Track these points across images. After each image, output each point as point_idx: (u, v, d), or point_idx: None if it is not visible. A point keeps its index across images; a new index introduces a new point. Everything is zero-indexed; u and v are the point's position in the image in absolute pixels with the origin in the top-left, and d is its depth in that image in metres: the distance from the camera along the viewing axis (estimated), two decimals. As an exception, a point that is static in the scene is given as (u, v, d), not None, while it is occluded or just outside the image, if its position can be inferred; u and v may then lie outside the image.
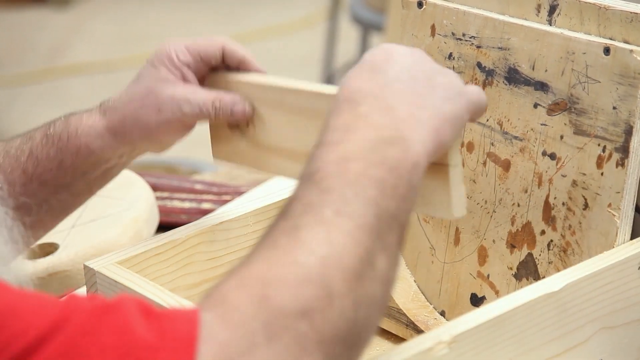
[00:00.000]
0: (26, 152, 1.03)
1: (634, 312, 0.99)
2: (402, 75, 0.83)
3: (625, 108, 0.98)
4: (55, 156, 1.03)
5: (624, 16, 0.99)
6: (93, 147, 1.03)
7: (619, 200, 0.99)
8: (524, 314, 0.91)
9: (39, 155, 1.03)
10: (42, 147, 1.03)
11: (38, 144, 1.03)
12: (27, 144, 1.04)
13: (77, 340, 0.68)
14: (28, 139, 1.04)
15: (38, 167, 1.03)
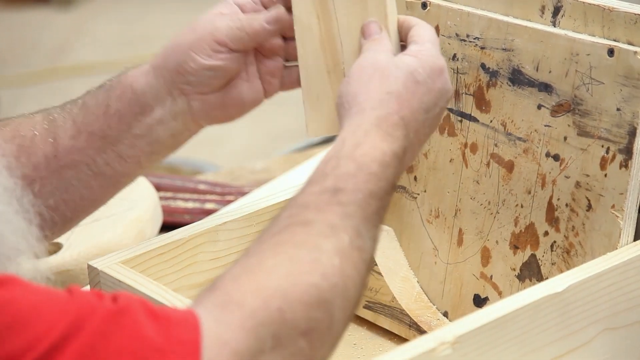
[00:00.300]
0: (79, 103, 1.01)
1: (637, 314, 0.99)
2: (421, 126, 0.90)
3: (629, 109, 0.99)
4: (102, 101, 1.00)
5: (628, 18, 0.99)
6: (136, 87, 0.99)
7: (623, 201, 0.99)
8: (527, 315, 0.91)
9: (89, 104, 1.01)
10: (93, 95, 1.01)
11: (91, 94, 1.01)
12: (82, 97, 1.02)
13: (95, 342, 0.71)
14: (86, 93, 1.02)
15: (87, 115, 1.00)
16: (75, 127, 1.00)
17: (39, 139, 1.00)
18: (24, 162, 0.99)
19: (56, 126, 1.01)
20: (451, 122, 1.11)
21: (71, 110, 1.01)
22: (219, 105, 1.01)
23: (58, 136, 1.00)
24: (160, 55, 1.00)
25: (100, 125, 1.00)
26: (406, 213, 1.16)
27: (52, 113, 1.02)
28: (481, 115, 1.09)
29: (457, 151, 1.11)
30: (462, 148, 1.11)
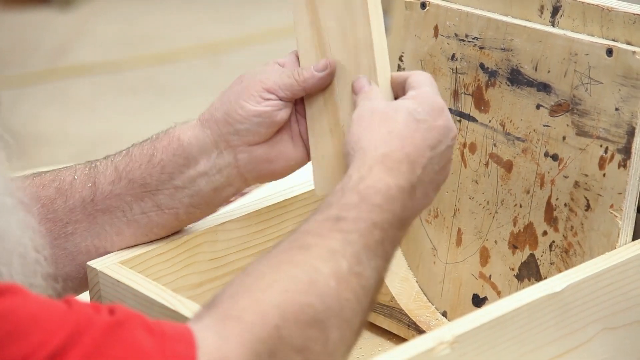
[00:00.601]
0: (124, 152, 1.03)
1: (635, 313, 0.99)
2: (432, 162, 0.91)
3: (628, 109, 0.99)
4: (147, 151, 1.01)
5: (627, 17, 0.99)
6: (182, 138, 1.00)
7: (621, 201, 0.99)
8: (525, 315, 0.91)
9: (133, 153, 1.02)
10: (139, 146, 1.02)
11: (136, 145, 1.03)
12: (128, 148, 1.03)
13: (92, 354, 0.72)
14: (131, 145, 1.03)
15: (130, 162, 1.01)
16: (116, 173, 1.01)
17: (78, 182, 1.01)
18: (60, 204, 1.01)
19: (97, 172, 1.02)
20: (450, 122, 1.11)
21: (114, 158, 1.03)
22: (265, 159, 1.01)
23: (98, 181, 1.01)
24: (208, 109, 1.02)
25: (142, 173, 1.01)
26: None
27: (94, 162, 1.03)
28: (480, 115, 1.09)
29: (456, 151, 1.11)
30: (461, 148, 1.11)
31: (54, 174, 1.03)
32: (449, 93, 1.11)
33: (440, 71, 1.12)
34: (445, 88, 1.12)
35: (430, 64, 1.12)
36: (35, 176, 1.03)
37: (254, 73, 1.00)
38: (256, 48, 4.07)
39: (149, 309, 0.97)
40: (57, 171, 1.03)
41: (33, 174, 1.04)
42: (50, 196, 1.01)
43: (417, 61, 1.13)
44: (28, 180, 1.02)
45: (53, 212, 1.00)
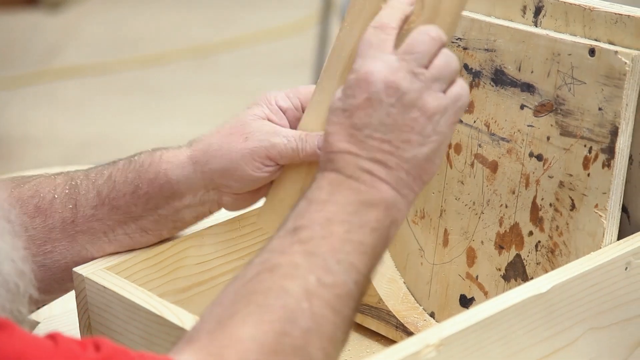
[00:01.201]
0: (105, 175, 1.02)
1: (621, 312, 0.99)
2: (377, 130, 0.86)
3: (611, 109, 0.99)
4: (132, 181, 1.01)
5: (609, 17, 0.99)
6: (170, 176, 1.00)
7: (606, 200, 0.99)
8: (512, 316, 0.91)
9: (116, 179, 1.01)
10: (122, 171, 1.01)
11: (119, 169, 1.02)
12: (108, 169, 1.02)
13: None
14: (111, 165, 1.03)
15: (113, 190, 1.01)
16: (99, 199, 1.01)
17: (58, 202, 1.01)
18: (39, 223, 1.00)
19: (78, 193, 1.01)
20: (435, 123, 1.11)
21: (96, 181, 1.02)
22: (249, 201, 1.03)
23: (79, 203, 1.01)
24: (201, 151, 1.00)
25: (127, 202, 1.01)
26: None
27: (74, 178, 1.02)
28: (465, 115, 1.10)
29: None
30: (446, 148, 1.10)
31: (32, 188, 1.01)
32: (433, 94, 1.11)
33: (424, 72, 1.12)
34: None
35: (415, 65, 1.12)
36: (14, 187, 1.02)
37: (261, 132, 0.99)
38: (245, 50, 4.07)
39: (135, 314, 0.97)
40: (35, 182, 1.02)
41: (11, 180, 1.03)
42: (29, 213, 1.00)
43: (402, 63, 1.13)
44: (5, 193, 1.01)
45: (32, 230, 1.00)
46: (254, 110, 1.01)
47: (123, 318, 0.98)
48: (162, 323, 0.94)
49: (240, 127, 0.99)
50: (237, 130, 0.99)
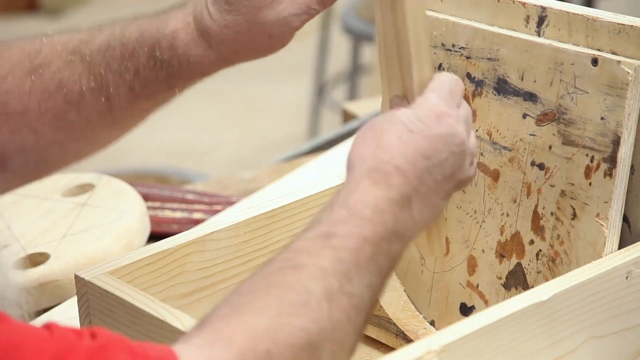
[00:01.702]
0: (132, 70, 1.01)
1: (622, 322, 0.99)
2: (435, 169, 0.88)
3: (613, 118, 0.99)
4: (164, 80, 1.02)
5: (612, 27, 1.00)
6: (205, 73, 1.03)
7: (607, 210, 1.00)
8: (513, 324, 0.92)
9: (147, 77, 1.01)
10: (151, 69, 1.02)
11: (145, 65, 1.02)
12: (132, 62, 1.01)
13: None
14: (131, 55, 1.01)
15: (146, 88, 1.02)
16: (132, 94, 1.02)
17: (89, 95, 1.01)
18: (75, 116, 1.00)
19: (108, 88, 1.01)
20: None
21: (122, 75, 1.01)
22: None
23: (111, 96, 1.01)
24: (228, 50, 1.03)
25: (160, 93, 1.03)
26: (393, 222, 1.16)
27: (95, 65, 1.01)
28: (467, 124, 1.10)
29: (443, 160, 1.11)
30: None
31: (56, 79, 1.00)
32: (436, 102, 1.12)
33: (427, 81, 1.12)
34: (432, 97, 1.12)
35: (418, 73, 1.13)
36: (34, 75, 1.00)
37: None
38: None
39: (137, 319, 0.97)
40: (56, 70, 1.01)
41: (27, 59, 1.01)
42: (60, 106, 1.00)
43: (404, 71, 1.14)
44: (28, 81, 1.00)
45: (67, 122, 1.00)
46: None
47: (125, 322, 0.98)
48: (164, 328, 0.94)
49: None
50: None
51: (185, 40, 1.02)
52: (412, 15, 0.93)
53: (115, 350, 0.74)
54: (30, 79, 0.99)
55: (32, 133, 0.98)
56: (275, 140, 3.37)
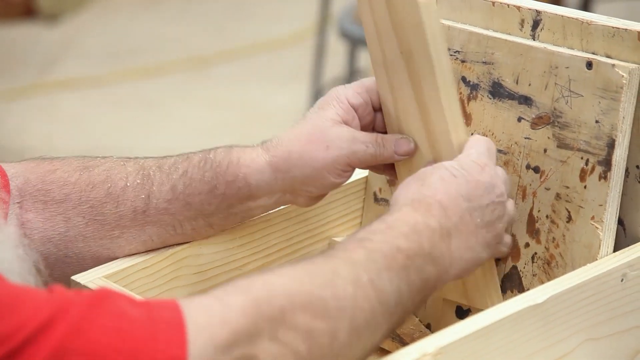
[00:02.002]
0: (180, 170, 1.03)
1: (617, 324, 1.00)
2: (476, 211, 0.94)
3: (608, 122, 0.99)
4: (209, 180, 1.03)
5: (606, 31, 1.00)
6: (250, 180, 1.02)
7: (602, 212, 1.00)
8: (508, 326, 0.92)
9: (193, 176, 1.03)
10: (199, 169, 1.03)
11: (195, 165, 1.03)
12: (183, 164, 1.04)
13: (80, 324, 0.73)
14: (185, 159, 1.04)
15: (189, 187, 1.03)
16: (173, 193, 1.03)
17: (131, 191, 1.03)
18: (110, 209, 1.02)
19: (151, 184, 1.03)
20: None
21: (170, 174, 1.03)
22: (321, 198, 1.07)
23: (152, 195, 1.03)
24: (282, 158, 1.02)
25: (201, 200, 1.03)
26: (389, 226, 1.17)
27: (146, 168, 1.04)
28: (462, 128, 1.10)
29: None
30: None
31: (104, 173, 1.03)
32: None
33: (422, 84, 1.12)
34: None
35: (413, 77, 1.13)
36: (83, 169, 1.03)
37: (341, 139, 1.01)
38: (242, 61, 4.08)
39: (133, 323, 0.97)
40: (106, 167, 1.03)
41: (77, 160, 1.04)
42: (100, 199, 1.02)
43: (400, 75, 1.14)
44: (76, 174, 1.02)
45: (102, 215, 1.02)
46: (328, 112, 1.02)
47: (121, 326, 0.98)
48: (160, 331, 0.94)
49: (320, 135, 1.01)
50: (317, 137, 1.01)
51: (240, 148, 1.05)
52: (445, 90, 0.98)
53: (116, 297, 0.76)
54: (78, 173, 1.03)
55: (65, 222, 1.01)
56: (273, 145, 3.38)
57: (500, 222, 0.96)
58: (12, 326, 0.72)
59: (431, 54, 0.97)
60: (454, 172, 0.94)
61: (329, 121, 1.02)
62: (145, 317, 0.76)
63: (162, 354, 0.74)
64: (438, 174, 0.94)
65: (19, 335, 0.72)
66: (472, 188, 0.94)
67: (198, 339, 0.76)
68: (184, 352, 0.75)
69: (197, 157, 1.04)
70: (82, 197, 1.01)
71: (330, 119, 1.02)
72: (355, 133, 1.02)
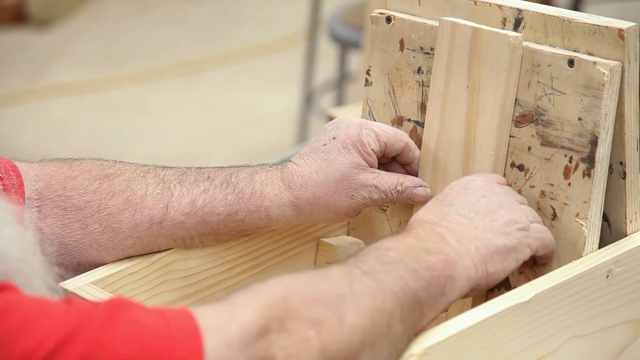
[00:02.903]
0: (201, 187, 1.05)
1: (603, 320, 1.00)
2: (464, 208, 0.97)
3: (590, 119, 1.00)
4: (232, 203, 1.05)
5: (587, 28, 1.00)
6: (272, 214, 1.06)
7: (587, 209, 1.00)
8: (494, 325, 0.92)
9: (215, 195, 1.05)
10: (221, 189, 1.05)
11: (217, 186, 1.06)
12: (205, 182, 1.06)
13: (99, 338, 0.74)
14: (206, 178, 1.06)
15: (209, 205, 1.05)
16: (191, 207, 1.04)
17: (150, 200, 1.04)
18: (127, 216, 1.03)
19: (171, 195, 1.04)
20: (418, 135, 1.12)
21: (190, 190, 1.05)
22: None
23: (171, 206, 1.04)
24: (306, 201, 1.06)
25: (219, 220, 1.05)
26: (377, 225, 1.17)
27: (167, 181, 1.05)
28: (447, 127, 1.10)
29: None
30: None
31: (124, 184, 1.04)
32: (416, 106, 1.12)
33: (406, 84, 1.13)
34: (412, 101, 1.13)
35: (397, 77, 1.13)
36: (103, 178, 1.04)
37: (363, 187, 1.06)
38: (233, 66, 4.08)
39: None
40: (126, 177, 1.05)
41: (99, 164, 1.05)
42: (119, 206, 1.03)
43: (384, 74, 1.14)
44: (96, 183, 1.04)
45: (118, 223, 1.03)
46: (353, 158, 1.06)
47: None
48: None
49: (347, 184, 1.06)
50: (344, 186, 1.06)
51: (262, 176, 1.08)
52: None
53: (131, 306, 0.78)
54: (99, 182, 1.04)
55: (82, 229, 1.02)
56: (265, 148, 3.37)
57: (503, 208, 0.98)
58: (34, 342, 0.73)
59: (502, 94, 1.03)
60: (470, 183, 1.00)
61: (355, 169, 1.06)
62: (161, 325, 0.77)
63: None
64: (456, 186, 1.01)
65: (40, 352, 0.73)
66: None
67: (213, 342, 0.77)
68: (201, 357, 0.77)
69: (218, 178, 1.06)
70: (101, 205, 1.03)
71: (356, 166, 1.06)
72: (378, 181, 1.07)
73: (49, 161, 1.06)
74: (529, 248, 0.98)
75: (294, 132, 3.34)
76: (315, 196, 1.06)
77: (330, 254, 1.17)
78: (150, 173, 1.06)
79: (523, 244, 0.97)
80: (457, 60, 1.05)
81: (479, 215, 0.97)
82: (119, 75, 4.04)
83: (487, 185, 1.00)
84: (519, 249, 0.97)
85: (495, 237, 0.96)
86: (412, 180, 1.08)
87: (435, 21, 1.10)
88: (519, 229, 0.98)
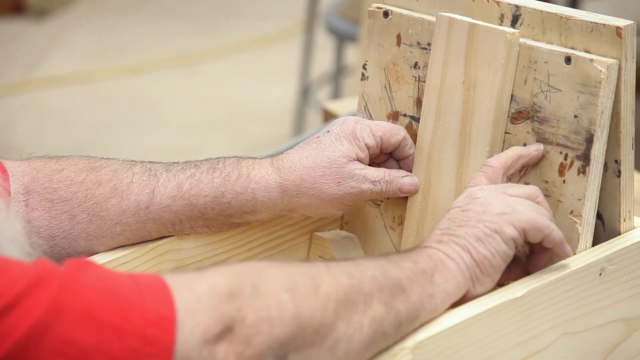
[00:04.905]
0: (187, 172, 1.06)
1: (595, 318, 1.00)
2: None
3: (586, 116, 1.00)
4: (218, 186, 1.05)
5: (585, 26, 1.00)
6: (257, 196, 1.06)
7: (581, 207, 1.00)
8: (487, 320, 0.92)
9: (201, 179, 1.05)
10: (207, 174, 1.06)
11: (204, 171, 1.06)
12: (190, 169, 1.07)
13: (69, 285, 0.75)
14: (193, 166, 1.07)
15: (195, 187, 1.05)
16: (178, 191, 1.05)
17: (136, 186, 1.05)
18: (114, 203, 1.04)
19: (157, 180, 1.05)
20: (413, 130, 1.12)
21: (177, 175, 1.06)
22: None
23: (157, 190, 1.05)
24: (292, 183, 1.06)
25: (206, 203, 1.06)
26: (370, 220, 1.17)
27: (152, 169, 1.06)
28: (443, 123, 1.10)
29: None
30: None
31: (110, 174, 1.05)
32: (412, 101, 1.12)
33: (403, 79, 1.13)
34: (408, 96, 1.13)
35: (394, 72, 1.13)
36: (90, 170, 1.05)
37: (353, 178, 1.06)
38: (230, 59, 4.08)
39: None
40: (113, 171, 1.05)
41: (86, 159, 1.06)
42: (106, 194, 1.04)
43: (381, 69, 1.14)
44: (82, 174, 1.04)
45: (105, 211, 1.04)
46: (344, 148, 1.07)
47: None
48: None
49: (334, 170, 1.06)
50: (331, 172, 1.06)
51: (249, 162, 1.08)
52: None
53: (97, 265, 0.78)
54: (85, 174, 1.05)
55: (69, 220, 1.03)
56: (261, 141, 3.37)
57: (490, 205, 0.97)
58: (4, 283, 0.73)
59: (498, 90, 1.02)
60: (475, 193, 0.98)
61: (344, 158, 1.06)
62: (130, 281, 0.78)
63: (153, 313, 0.77)
64: (461, 197, 1.00)
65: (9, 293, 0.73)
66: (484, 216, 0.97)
67: (182, 296, 0.78)
68: (173, 310, 0.77)
69: (205, 165, 1.07)
70: (88, 195, 1.03)
71: (345, 156, 1.06)
72: (366, 171, 1.07)
73: (36, 157, 1.07)
74: (511, 226, 0.95)
75: (291, 124, 3.35)
76: (302, 178, 1.06)
77: (323, 248, 1.17)
78: (137, 164, 1.07)
79: (504, 223, 0.95)
80: (453, 55, 1.05)
81: (465, 205, 0.97)
82: (115, 66, 4.04)
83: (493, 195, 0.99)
84: (501, 231, 0.94)
85: (471, 228, 0.95)
86: (398, 171, 1.09)
87: (433, 16, 1.10)
88: (499, 213, 0.96)
